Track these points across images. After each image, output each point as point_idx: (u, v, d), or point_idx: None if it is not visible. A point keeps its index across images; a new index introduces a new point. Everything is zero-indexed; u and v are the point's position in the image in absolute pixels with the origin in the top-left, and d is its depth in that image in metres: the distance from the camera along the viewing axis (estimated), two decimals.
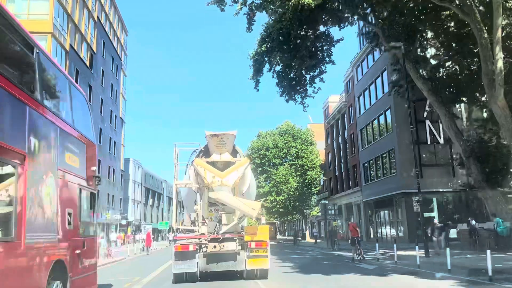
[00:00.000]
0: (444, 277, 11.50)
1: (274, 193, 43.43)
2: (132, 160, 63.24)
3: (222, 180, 10.95)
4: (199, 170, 11.14)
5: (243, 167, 11.41)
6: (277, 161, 44.88)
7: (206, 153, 11.96)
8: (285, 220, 65.29)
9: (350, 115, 42.63)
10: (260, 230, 11.08)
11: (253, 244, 10.87)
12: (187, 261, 10.70)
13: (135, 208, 64.75)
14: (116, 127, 52.32)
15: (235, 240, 11.08)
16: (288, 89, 25.97)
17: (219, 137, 11.24)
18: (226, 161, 11.44)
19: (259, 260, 10.96)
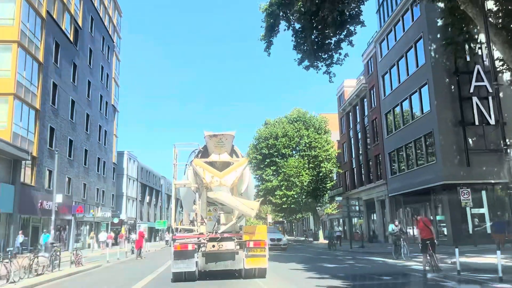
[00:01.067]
0: None
1: (284, 188, 38.20)
2: (127, 153, 58.01)
3: (221, 180, 10.84)
4: (198, 170, 11.03)
5: (241, 167, 11.27)
6: (287, 152, 39.61)
7: (205, 153, 11.89)
8: (293, 219, 60.06)
9: (371, 98, 37.37)
10: (258, 230, 11.17)
11: (252, 243, 10.92)
12: (186, 260, 10.73)
13: (130, 205, 59.53)
14: (108, 114, 47.12)
15: (233, 239, 11.14)
16: (309, 55, 20.84)
17: (218, 138, 11.12)
18: (224, 161, 11.40)
19: (257, 260, 10.99)
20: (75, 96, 36.20)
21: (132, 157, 60.71)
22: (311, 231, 59.14)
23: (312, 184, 38.02)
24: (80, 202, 36.78)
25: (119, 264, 19.53)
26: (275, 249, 25.24)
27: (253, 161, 41.50)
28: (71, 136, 34.97)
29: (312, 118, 41.42)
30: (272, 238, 25.53)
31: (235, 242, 11.13)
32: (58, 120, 32.17)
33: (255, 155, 41.23)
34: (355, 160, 41.97)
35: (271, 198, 39.49)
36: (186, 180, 12.34)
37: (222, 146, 11.44)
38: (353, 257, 19.44)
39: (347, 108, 43.96)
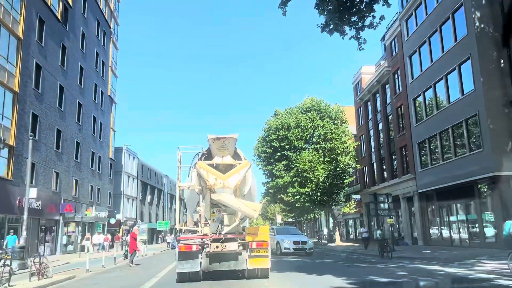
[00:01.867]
0: None
1: (297, 184, 34.19)
2: (126, 149, 54.25)
3: (224, 182, 10.90)
4: (202, 173, 11.12)
5: (244, 169, 11.34)
6: (300, 144, 35.58)
7: (208, 156, 12.04)
8: (303, 219, 56.03)
9: (395, 83, 33.32)
10: (261, 231, 11.31)
11: (254, 244, 11.02)
12: (190, 260, 10.82)
13: (129, 205, 55.77)
14: (103, 106, 43.37)
15: (236, 240, 11.24)
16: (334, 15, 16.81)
17: (221, 141, 11.17)
18: (228, 164, 11.53)
19: (260, 260, 11.06)
20: (65, 82, 32.44)
21: (131, 153, 56.96)
22: (322, 232, 55.16)
23: (329, 179, 33.99)
24: (71, 200, 33.01)
25: (101, 274, 15.54)
26: (299, 254, 21.47)
27: (262, 155, 37.57)
28: (59, 125, 31.21)
29: (327, 107, 37.40)
30: (295, 241, 21.98)
31: (238, 243, 11.24)
32: (43, 106, 28.41)
33: (265, 148, 37.27)
34: (375, 154, 37.90)
35: (283, 196, 35.49)
36: (190, 182, 12.51)
37: (225, 149, 11.47)
38: (397, 265, 15.40)
39: (365, 96, 39.92)
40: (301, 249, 21.78)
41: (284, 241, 21.96)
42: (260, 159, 38.44)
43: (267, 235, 11.36)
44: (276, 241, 22.32)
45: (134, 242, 20.20)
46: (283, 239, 22.27)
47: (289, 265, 15.77)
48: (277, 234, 23.31)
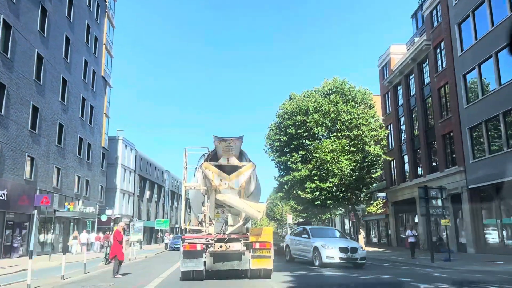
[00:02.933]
0: None
1: (317, 179, 28.89)
2: (122, 140, 49.22)
3: (229, 183, 11.12)
4: (207, 173, 11.29)
5: (249, 171, 11.48)
6: (320, 131, 30.29)
7: (214, 157, 12.06)
8: (317, 219, 50.68)
9: (437, 59, 28.01)
10: (264, 232, 11.46)
11: (258, 244, 11.21)
12: (194, 259, 11.00)
13: (125, 201, 50.69)
14: (96, 87, 38.33)
15: (240, 240, 11.43)
16: None
17: (227, 142, 11.10)
18: (233, 165, 11.59)
19: (263, 260, 11.21)
20: (45, 52, 27.41)
21: (128, 144, 51.89)
22: None
23: (355, 173, 28.67)
24: (51, 191, 27.96)
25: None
26: (346, 266, 15.72)
27: (276, 144, 32.29)
28: (36, 101, 26.18)
29: (353, 89, 32.09)
30: (343, 248, 15.43)
31: (242, 243, 11.35)
32: (13, 75, 23.38)
33: (278, 137, 32.00)
34: (407, 145, 32.55)
35: (300, 192, 30.16)
36: (196, 183, 12.64)
37: (231, 150, 11.46)
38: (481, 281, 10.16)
39: (395, 79, 34.60)
40: (351, 259, 15.30)
41: (327, 248, 15.39)
42: (273, 149, 33.18)
43: (271, 236, 11.55)
44: (313, 247, 15.96)
45: (118, 246, 13.70)
46: (325, 244, 15.61)
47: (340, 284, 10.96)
48: (312, 237, 16.77)
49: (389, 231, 36.62)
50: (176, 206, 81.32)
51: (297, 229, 18.36)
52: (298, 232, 17.79)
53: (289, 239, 17.95)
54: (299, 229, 18.07)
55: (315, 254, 15.66)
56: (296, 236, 17.55)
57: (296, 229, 18.56)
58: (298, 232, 17.72)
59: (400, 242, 34.07)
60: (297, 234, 17.63)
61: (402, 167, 33.91)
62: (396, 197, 34.55)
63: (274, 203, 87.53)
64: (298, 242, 17.03)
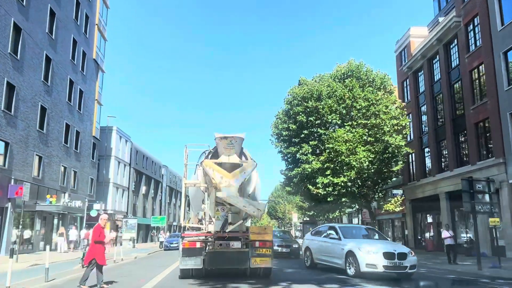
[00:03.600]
0: None
1: (330, 173, 25.60)
2: (116, 130, 45.96)
3: (230, 181, 10.75)
4: (208, 171, 10.95)
5: (250, 169, 11.17)
6: (334, 119, 26.99)
7: (215, 154, 11.89)
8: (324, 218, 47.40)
9: (469, 37, 24.72)
10: (264, 230, 11.45)
11: (258, 243, 11.21)
12: (193, 257, 11.00)
13: (119, 196, 47.44)
14: (86, 70, 35.05)
15: (240, 239, 11.43)
16: None
17: (228, 140, 10.89)
18: (234, 163, 11.26)
19: (262, 259, 11.20)
20: (23, 23, 24.15)
21: (123, 135, 48.63)
22: None
23: (374, 166, 25.37)
24: (30, 182, 24.71)
25: None
26: (392, 277, 11.55)
27: (284, 133, 29.02)
28: (11, 78, 22.92)
29: (370, 73, 28.80)
30: (388, 253, 11.44)
31: (241, 242, 11.35)
32: None
33: (287, 125, 28.74)
34: (430, 136, 29.28)
35: (310, 187, 26.84)
36: (196, 180, 12.49)
37: (232, 148, 11.22)
38: None
39: (415, 64, 31.30)
40: (399, 268, 11.30)
41: (367, 252, 11.58)
42: (280, 139, 29.91)
43: (271, 235, 11.48)
44: (346, 251, 12.18)
45: (97, 247, 10.01)
46: (364, 248, 11.77)
47: None
48: (344, 237, 12.89)
49: (406, 232, 33.35)
50: (174, 202, 78.11)
51: (320, 228, 14.89)
52: (322, 231, 14.21)
53: (310, 240, 14.52)
54: (323, 227, 14.63)
55: (349, 260, 11.96)
56: (319, 237, 14.09)
57: (319, 228, 15.11)
58: (322, 231, 14.14)
59: (418, 244, 30.85)
60: (321, 233, 14.19)
61: (423, 161, 30.64)
62: (414, 194, 31.30)
63: (276, 201, 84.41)
64: (323, 244, 13.54)
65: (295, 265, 15.78)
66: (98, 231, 10.44)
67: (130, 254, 25.46)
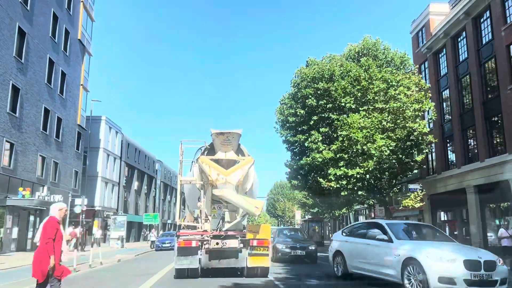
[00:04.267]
0: None
1: (344, 163, 22.36)
2: (106, 120, 42.52)
3: (227, 177, 10.81)
4: (204, 168, 11.00)
5: (247, 165, 11.19)
6: (347, 102, 23.75)
7: (211, 151, 11.84)
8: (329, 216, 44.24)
9: (507, 7, 21.50)
10: (262, 229, 11.15)
11: (255, 242, 10.94)
12: (189, 256, 10.70)
13: (108, 191, 44.02)
14: (70, 51, 31.62)
15: (237, 237, 11.08)
16: None
17: (225, 136, 10.96)
18: (230, 160, 11.39)
19: (260, 258, 10.94)
20: None
21: (113, 126, 45.18)
22: None
23: (396, 155, 22.12)
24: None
25: None
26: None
27: (290, 120, 25.81)
28: None
29: (388, 51, 25.64)
30: (471, 262, 7.83)
31: (238, 240, 11.03)
32: None
33: (293, 110, 25.51)
34: (454, 123, 26.05)
35: (321, 180, 23.57)
36: (192, 177, 12.22)
37: (229, 144, 11.24)
38: None
39: (436, 44, 28.06)
40: (487, 283, 7.76)
41: (438, 260, 7.96)
42: (285, 127, 26.69)
43: (269, 233, 11.25)
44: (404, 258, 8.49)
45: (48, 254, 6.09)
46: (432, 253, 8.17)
47: None
48: (397, 239, 9.17)
49: None
50: (169, 199, 74.75)
51: (356, 226, 11.17)
52: (359, 229, 10.65)
53: (342, 241, 11.00)
54: (360, 225, 10.99)
55: (409, 270, 8.29)
56: (356, 237, 10.42)
57: (354, 225, 11.51)
58: (360, 229, 10.63)
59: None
60: (358, 233, 10.58)
61: (445, 152, 27.45)
62: (434, 188, 28.09)
63: (276, 198, 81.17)
64: (363, 247, 9.90)
65: (317, 273, 12.59)
66: (53, 227, 6.85)
67: (114, 256, 22.13)
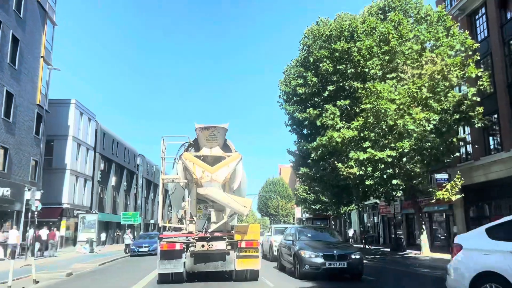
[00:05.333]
0: None
1: (371, 144, 17.24)
2: (75, 104, 36.65)
3: (212, 175, 10.32)
4: (188, 165, 10.49)
5: (234, 162, 10.66)
6: (373, 67, 18.57)
7: (195, 147, 11.38)
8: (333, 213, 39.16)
9: None
10: (251, 229, 10.58)
11: (244, 243, 10.38)
12: (173, 260, 10.07)
13: (79, 186, 38.14)
14: (25, 13, 25.86)
15: (224, 239, 10.56)
16: None
17: (210, 130, 10.53)
18: (216, 156, 10.86)
19: (249, 261, 10.37)
20: None
21: (86, 112, 39.36)
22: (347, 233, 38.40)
23: (441, 130, 17.07)
24: None
25: None
26: None
27: (299, 92, 20.56)
28: None
29: (421, 4, 20.59)
30: None
31: (226, 242, 10.51)
32: None
33: (303, 80, 20.30)
34: (500, 96, 21.01)
35: (340, 165, 18.32)
36: (175, 175, 11.51)
37: (214, 140, 10.77)
38: None
39: (471, 3, 23.15)
40: None
41: None
42: (291, 101, 21.52)
43: (258, 234, 10.68)
44: None
45: None
46: None
47: None
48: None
49: (454, 229, 25.23)
50: (153, 198, 68.86)
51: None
52: None
53: (501, 252, 5.28)
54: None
55: None
56: None
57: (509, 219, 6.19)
58: None
59: None
60: None
61: (484, 133, 22.55)
62: (469, 178, 23.13)
63: (268, 196, 75.82)
64: None
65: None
66: None
67: (72, 265, 16.59)
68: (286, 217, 69.49)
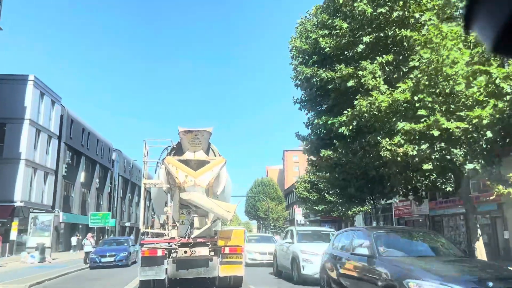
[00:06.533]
0: None
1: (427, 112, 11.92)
2: (34, 82, 30.47)
3: (196, 180, 10.16)
4: (171, 169, 10.31)
5: (218, 166, 10.51)
6: (428, 8, 13.33)
7: (178, 150, 11.01)
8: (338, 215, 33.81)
9: None
10: (234, 234, 10.51)
11: (227, 249, 10.28)
12: (154, 267, 9.85)
13: (38, 181, 31.86)
14: None
15: (207, 245, 10.43)
16: None
17: (193, 134, 10.27)
18: (200, 160, 10.62)
19: (233, 267, 10.29)
20: None
21: (48, 92, 33.15)
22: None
23: None
24: None
25: None
26: None
27: (323, 43, 15.08)
28: None
29: None
30: None
31: (209, 248, 10.38)
32: None
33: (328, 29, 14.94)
34: None
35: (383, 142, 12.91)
36: (158, 180, 11.36)
37: (198, 143, 10.55)
38: None
39: None
40: None
41: None
42: (310, 59, 16.14)
43: (242, 239, 10.63)
44: None
45: None
46: None
47: None
48: None
49: (506, 235, 20.14)
50: (130, 198, 62.53)
51: None
52: None
53: None
54: None
55: None
56: None
57: None
58: None
59: None
60: None
61: None
62: None
63: (257, 198, 70.29)
64: None
65: None
66: None
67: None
68: (277, 220, 64.11)
